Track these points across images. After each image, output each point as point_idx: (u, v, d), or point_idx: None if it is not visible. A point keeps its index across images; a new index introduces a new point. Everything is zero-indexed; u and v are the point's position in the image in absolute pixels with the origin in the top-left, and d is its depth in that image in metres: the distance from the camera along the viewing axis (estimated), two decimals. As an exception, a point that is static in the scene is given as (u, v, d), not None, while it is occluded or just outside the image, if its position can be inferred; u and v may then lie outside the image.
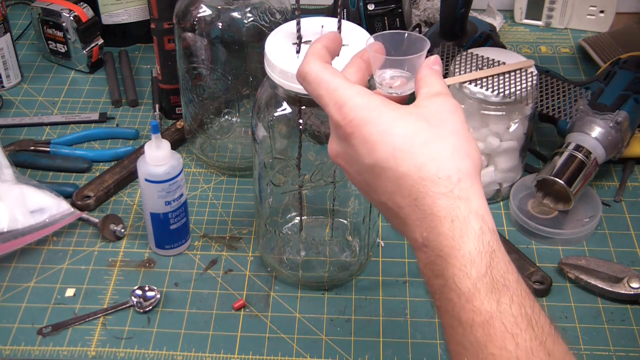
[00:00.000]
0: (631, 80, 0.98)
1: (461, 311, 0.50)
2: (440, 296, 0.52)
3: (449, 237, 0.51)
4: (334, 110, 0.55)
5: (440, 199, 0.51)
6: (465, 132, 0.55)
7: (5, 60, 1.16)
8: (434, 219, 0.51)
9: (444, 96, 0.56)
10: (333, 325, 0.83)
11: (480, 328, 0.49)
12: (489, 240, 0.51)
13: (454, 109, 0.56)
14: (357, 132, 0.54)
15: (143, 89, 1.17)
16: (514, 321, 0.49)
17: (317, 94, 0.57)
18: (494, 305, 0.49)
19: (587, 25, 1.29)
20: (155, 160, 0.83)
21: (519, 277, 0.51)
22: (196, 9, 0.92)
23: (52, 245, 0.92)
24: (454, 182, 0.52)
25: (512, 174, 0.97)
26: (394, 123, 0.54)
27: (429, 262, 0.52)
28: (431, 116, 0.54)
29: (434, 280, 0.52)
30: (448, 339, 0.52)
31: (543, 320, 0.50)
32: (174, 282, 0.88)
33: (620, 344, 0.81)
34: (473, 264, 0.50)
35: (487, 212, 0.52)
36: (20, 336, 0.82)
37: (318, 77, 0.57)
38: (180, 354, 0.80)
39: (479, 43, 1.06)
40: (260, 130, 0.79)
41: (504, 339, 0.48)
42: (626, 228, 0.94)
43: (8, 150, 1.03)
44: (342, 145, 0.56)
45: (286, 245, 0.90)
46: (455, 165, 0.52)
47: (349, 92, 0.55)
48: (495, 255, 0.51)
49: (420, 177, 0.52)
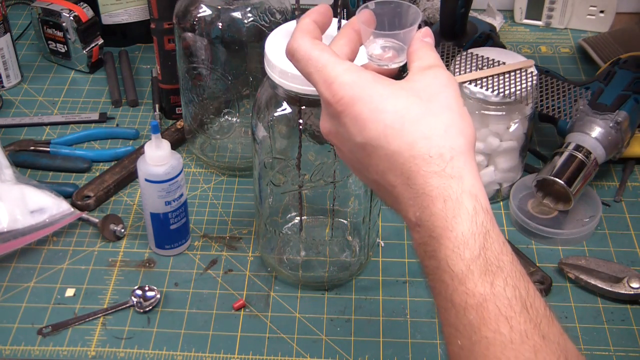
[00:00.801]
0: (631, 80, 0.98)
1: (454, 293, 0.49)
2: (434, 277, 0.51)
3: (441, 217, 0.50)
4: (324, 88, 0.54)
5: (432, 178, 0.50)
6: (460, 107, 0.53)
7: (5, 60, 1.16)
8: (426, 199, 0.50)
9: (436, 68, 0.55)
10: (333, 325, 0.83)
11: (473, 311, 0.48)
12: (482, 220, 0.50)
13: (447, 82, 0.54)
14: (348, 110, 0.53)
15: (143, 89, 1.17)
16: (508, 304, 0.48)
17: (306, 72, 0.56)
18: (488, 287, 0.48)
19: (587, 25, 1.29)
20: (155, 160, 0.83)
21: (514, 257, 0.50)
22: (196, 9, 0.92)
23: (52, 245, 0.92)
24: (447, 161, 0.51)
25: (512, 174, 0.97)
26: (385, 100, 0.52)
27: (422, 243, 0.51)
28: (423, 91, 0.53)
29: (427, 261, 0.51)
30: (442, 321, 0.51)
31: (538, 303, 0.49)
32: (174, 282, 0.88)
33: (620, 344, 0.81)
34: (466, 246, 0.49)
35: (481, 191, 0.51)
36: (20, 336, 0.82)
37: (306, 54, 0.55)
38: (180, 354, 0.80)
39: (479, 43, 1.06)
40: (260, 130, 0.79)
41: (498, 322, 0.47)
42: (626, 228, 0.94)
43: (8, 150, 1.03)
44: (334, 124, 0.56)
45: (286, 245, 0.90)
46: (447, 143, 0.51)
47: (338, 69, 0.54)
48: (489, 236, 0.50)
49: (411, 155, 0.51)
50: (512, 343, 0.47)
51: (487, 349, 0.47)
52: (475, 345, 0.48)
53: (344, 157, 0.58)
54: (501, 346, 0.47)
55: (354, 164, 0.57)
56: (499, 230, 0.51)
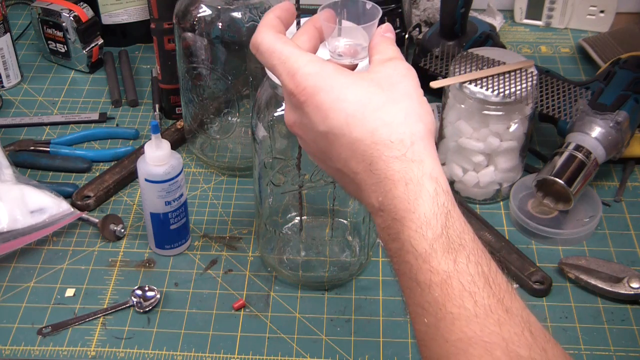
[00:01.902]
0: (631, 80, 0.98)
1: (418, 272, 0.50)
2: (398, 259, 0.52)
3: (403, 200, 0.51)
4: (287, 79, 0.56)
5: (393, 163, 0.52)
6: (419, 95, 0.55)
7: (5, 60, 1.16)
8: (388, 183, 0.52)
9: (396, 60, 0.56)
10: (333, 325, 0.83)
11: (438, 288, 0.49)
12: (443, 201, 0.51)
13: (406, 72, 0.56)
14: (310, 100, 0.54)
15: (143, 89, 1.17)
16: (472, 280, 0.49)
17: (270, 64, 0.57)
18: (451, 264, 0.50)
19: (587, 25, 1.29)
20: (155, 160, 0.83)
21: (475, 236, 0.52)
22: (196, 9, 0.92)
23: (52, 245, 0.92)
24: (407, 146, 0.52)
25: (512, 174, 0.97)
26: (346, 90, 0.54)
27: (386, 226, 0.53)
28: (383, 80, 0.55)
29: (391, 244, 0.53)
30: (407, 301, 0.52)
31: (500, 279, 0.50)
32: (174, 282, 0.88)
33: (620, 344, 0.81)
34: (429, 225, 0.50)
35: (441, 174, 0.52)
36: (20, 336, 0.82)
37: (270, 47, 0.57)
38: (180, 354, 0.80)
39: (479, 43, 1.06)
40: (260, 130, 0.79)
41: (462, 298, 0.49)
42: (626, 228, 0.94)
43: (8, 150, 1.03)
44: (297, 114, 0.57)
45: (286, 245, 0.90)
46: (408, 129, 0.53)
47: (300, 60, 0.55)
48: (451, 215, 0.51)
49: (373, 141, 0.53)
50: (476, 317, 0.48)
51: (452, 324, 0.49)
52: (441, 321, 0.49)
53: (307, 148, 0.59)
54: (466, 320, 0.48)
55: (317, 154, 0.58)
56: (459, 211, 0.52)
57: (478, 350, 0.47)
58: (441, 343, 0.49)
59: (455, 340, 0.48)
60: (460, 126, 0.93)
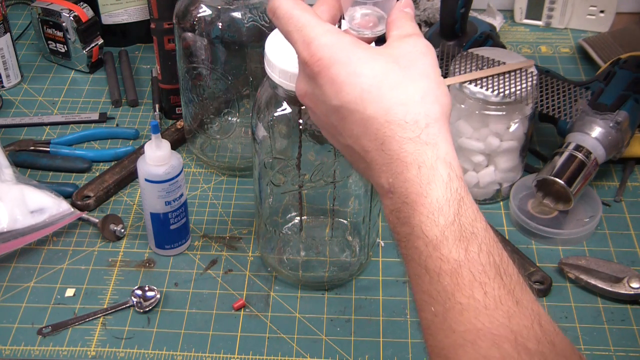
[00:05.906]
0: (631, 80, 0.98)
1: (428, 259, 0.49)
2: (407, 244, 0.51)
3: (415, 183, 0.50)
4: (302, 48, 0.54)
5: (407, 144, 0.50)
6: (437, 75, 0.54)
7: (5, 60, 1.16)
8: (400, 165, 0.50)
9: (415, 37, 0.55)
10: (333, 325, 0.83)
11: (447, 276, 0.48)
12: (456, 187, 0.50)
13: (426, 51, 0.54)
14: (325, 72, 0.53)
15: (143, 89, 1.17)
16: (482, 270, 0.48)
17: (285, 30, 0.56)
18: (462, 253, 0.48)
19: (587, 25, 1.29)
20: (155, 160, 0.83)
21: (487, 225, 0.50)
22: (196, 9, 0.92)
23: (52, 245, 0.92)
24: (422, 127, 0.51)
25: (512, 174, 0.97)
26: (363, 64, 0.52)
27: (395, 209, 0.51)
28: (402, 57, 0.53)
29: (399, 227, 0.51)
30: (414, 288, 0.51)
31: (511, 269, 0.49)
32: (174, 282, 0.88)
33: (621, 344, 0.81)
34: (441, 212, 0.49)
35: (454, 159, 0.51)
36: (20, 336, 0.82)
37: (288, 12, 0.55)
38: (180, 354, 0.80)
39: (479, 43, 1.06)
40: (260, 130, 0.79)
41: (472, 288, 0.47)
42: (626, 228, 0.94)
43: (8, 150, 1.03)
44: (310, 85, 0.55)
45: (286, 245, 0.90)
46: (423, 110, 0.51)
47: (317, 29, 0.54)
48: (464, 202, 0.50)
49: (387, 120, 0.51)
50: (486, 309, 0.47)
51: (460, 315, 0.47)
52: (449, 311, 0.48)
53: (317, 121, 0.57)
54: (475, 312, 0.47)
55: (327, 128, 0.57)
56: (472, 198, 0.51)
57: (486, 343, 0.46)
58: (448, 333, 0.48)
59: (463, 331, 0.47)
60: (460, 126, 0.93)
